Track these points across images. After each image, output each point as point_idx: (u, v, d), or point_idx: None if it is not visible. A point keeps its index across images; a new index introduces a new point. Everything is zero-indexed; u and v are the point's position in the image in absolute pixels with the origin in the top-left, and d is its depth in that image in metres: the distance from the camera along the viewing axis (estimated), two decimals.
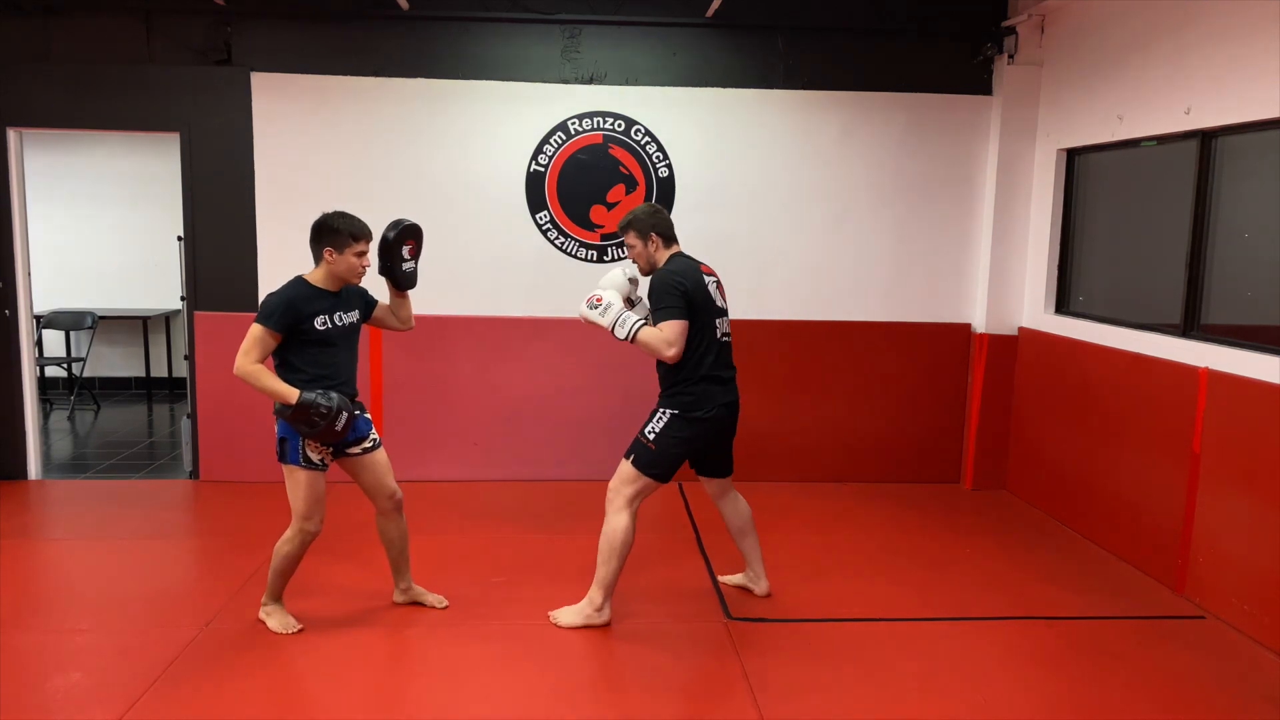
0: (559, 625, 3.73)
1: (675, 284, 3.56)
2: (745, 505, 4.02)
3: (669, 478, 3.69)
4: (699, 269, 3.70)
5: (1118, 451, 4.68)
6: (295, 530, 3.53)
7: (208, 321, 5.53)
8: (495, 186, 5.59)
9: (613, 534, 3.65)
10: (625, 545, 3.66)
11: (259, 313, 3.37)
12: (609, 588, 3.71)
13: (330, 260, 3.45)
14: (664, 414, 3.65)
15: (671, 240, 3.77)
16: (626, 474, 3.67)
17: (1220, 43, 4.03)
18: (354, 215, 3.48)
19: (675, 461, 3.66)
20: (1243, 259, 4.07)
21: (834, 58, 5.63)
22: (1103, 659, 3.57)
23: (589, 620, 3.72)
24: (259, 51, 5.41)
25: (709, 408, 3.62)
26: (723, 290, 3.79)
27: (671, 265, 3.68)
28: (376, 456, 3.68)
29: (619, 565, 3.67)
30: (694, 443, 3.67)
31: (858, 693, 3.29)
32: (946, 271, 5.83)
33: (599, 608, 3.72)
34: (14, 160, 5.41)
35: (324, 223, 3.45)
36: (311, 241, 3.48)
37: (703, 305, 3.61)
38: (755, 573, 4.07)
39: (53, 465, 6.05)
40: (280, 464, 3.50)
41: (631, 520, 3.67)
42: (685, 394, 3.61)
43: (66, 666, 3.34)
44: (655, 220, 3.73)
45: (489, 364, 5.66)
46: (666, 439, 3.62)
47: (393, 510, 3.76)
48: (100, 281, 8.18)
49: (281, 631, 3.61)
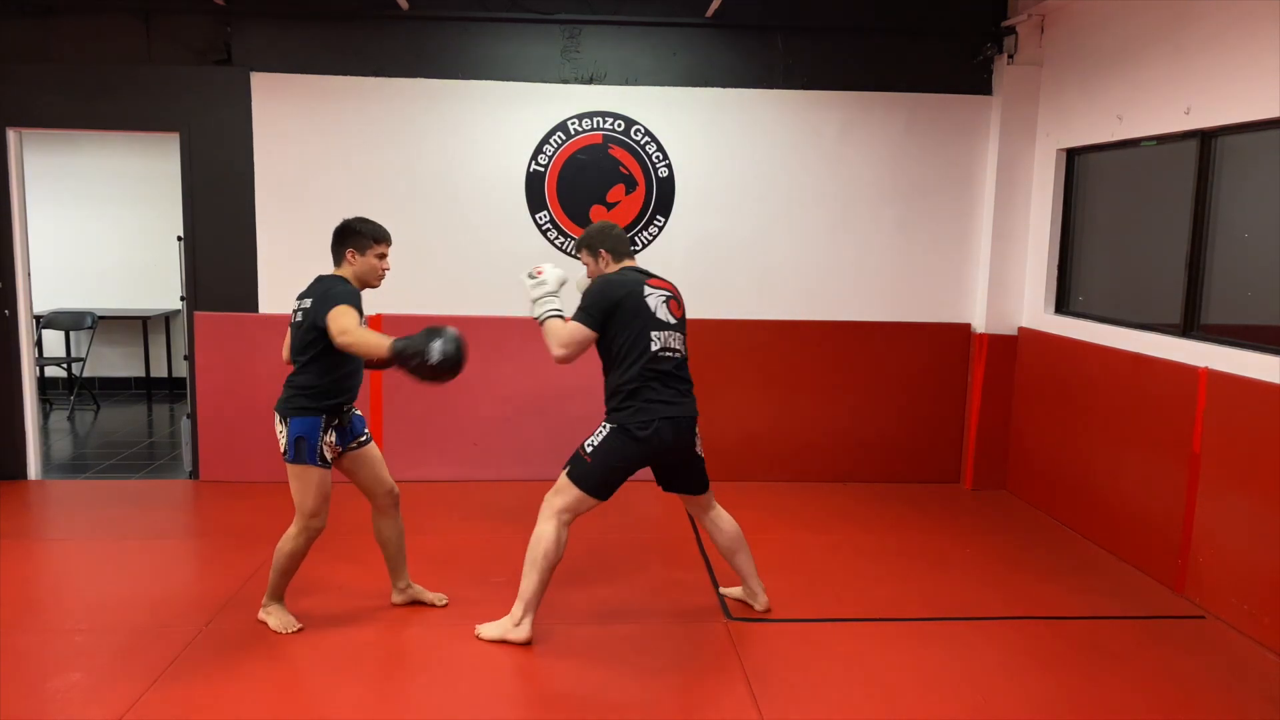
0: (481, 638, 3.59)
1: (604, 294, 3.52)
2: (730, 522, 3.84)
3: (606, 495, 3.54)
4: (643, 281, 3.60)
5: (1118, 451, 4.68)
6: (301, 528, 3.54)
7: (207, 321, 5.53)
8: (495, 186, 5.59)
9: (536, 543, 3.50)
10: (548, 557, 3.48)
11: (340, 296, 3.38)
12: (530, 602, 3.53)
13: (351, 261, 3.56)
14: (604, 428, 3.53)
15: (624, 256, 3.70)
16: (561, 485, 3.53)
17: (1220, 43, 4.04)
18: (375, 220, 3.63)
19: (612, 477, 3.51)
20: (1243, 259, 4.07)
21: (833, 57, 5.63)
22: (1102, 659, 3.57)
23: (505, 634, 3.56)
24: (259, 51, 5.41)
25: (647, 424, 3.46)
26: (677, 306, 3.65)
27: (612, 275, 3.62)
28: (371, 451, 3.72)
29: (540, 578, 3.50)
30: (635, 460, 3.51)
31: (857, 693, 3.29)
32: (946, 271, 5.83)
33: (517, 622, 3.55)
34: (14, 160, 5.41)
35: (346, 225, 3.59)
36: (334, 244, 3.60)
37: (633, 316, 3.50)
38: (752, 589, 3.92)
39: (52, 465, 6.05)
40: (289, 464, 3.50)
41: (559, 531, 3.50)
42: (622, 408, 3.50)
43: (66, 666, 3.34)
44: (604, 237, 3.69)
45: (489, 364, 5.65)
46: (604, 453, 3.48)
47: (390, 507, 3.77)
48: (100, 281, 8.19)
49: (282, 630, 3.61)
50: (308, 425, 3.47)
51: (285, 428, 3.49)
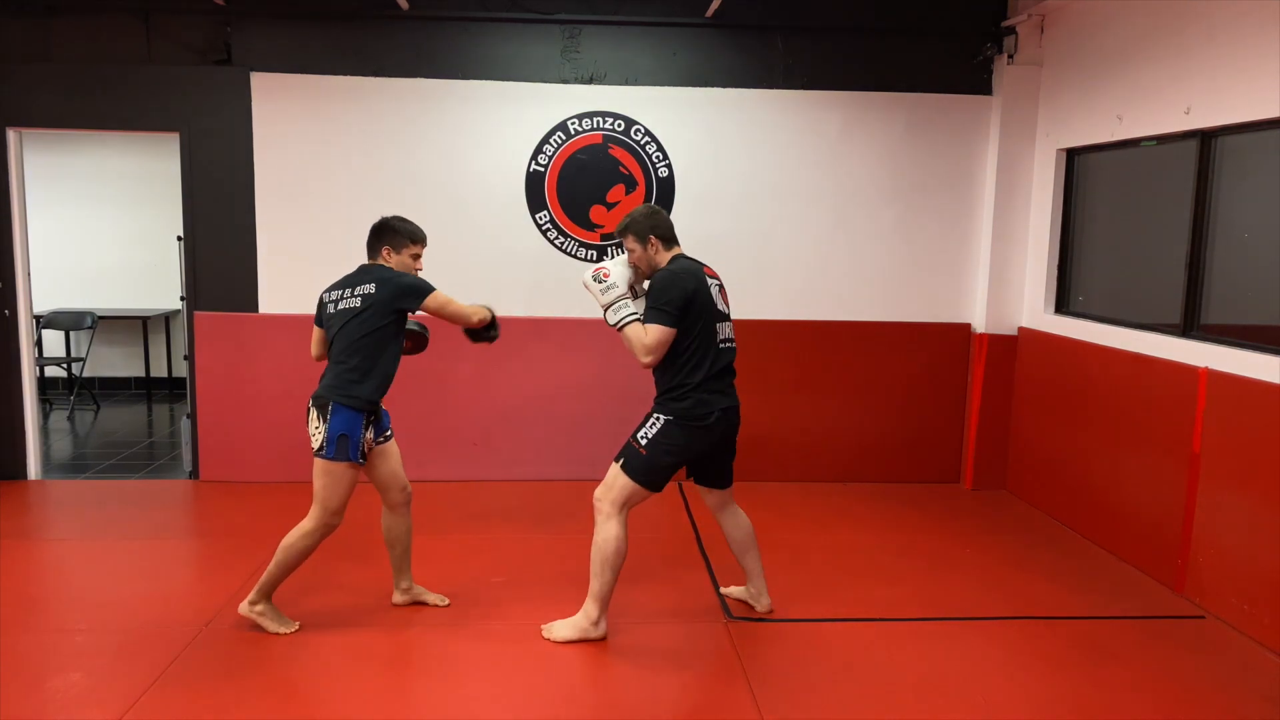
0: (553, 639, 3.59)
1: (678, 287, 3.42)
2: (746, 520, 3.84)
3: (661, 486, 3.52)
4: (703, 271, 3.56)
5: (1118, 451, 4.68)
6: (319, 524, 3.51)
7: (207, 321, 5.53)
8: (495, 187, 5.59)
9: (604, 544, 3.48)
10: (618, 555, 3.49)
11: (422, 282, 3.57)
12: (604, 600, 3.55)
13: (387, 258, 3.61)
14: (658, 419, 3.48)
15: (672, 242, 3.60)
16: (616, 480, 3.50)
17: (1220, 43, 4.04)
18: (412, 221, 3.69)
19: (668, 470, 3.50)
20: (1243, 259, 4.07)
21: (833, 57, 5.63)
22: (1102, 659, 3.57)
23: (584, 634, 3.57)
24: (259, 51, 5.41)
25: (708, 415, 3.45)
26: (725, 294, 3.65)
27: (676, 265, 3.53)
28: (393, 447, 3.76)
29: (613, 576, 3.51)
30: (689, 451, 3.51)
31: (857, 693, 3.29)
32: (946, 271, 5.83)
33: (595, 621, 3.56)
34: (14, 160, 5.41)
35: (384, 224, 3.64)
36: (370, 240, 3.65)
37: (704, 309, 3.45)
38: (757, 589, 3.89)
39: (52, 465, 6.05)
40: (324, 460, 3.46)
41: (623, 528, 3.49)
42: (682, 399, 3.44)
43: (66, 666, 3.34)
44: (654, 222, 3.55)
45: (489, 364, 5.65)
46: (659, 445, 3.45)
47: (402, 504, 3.78)
48: (100, 281, 8.19)
49: (281, 631, 3.60)
50: (351, 421, 3.45)
51: (323, 423, 3.44)
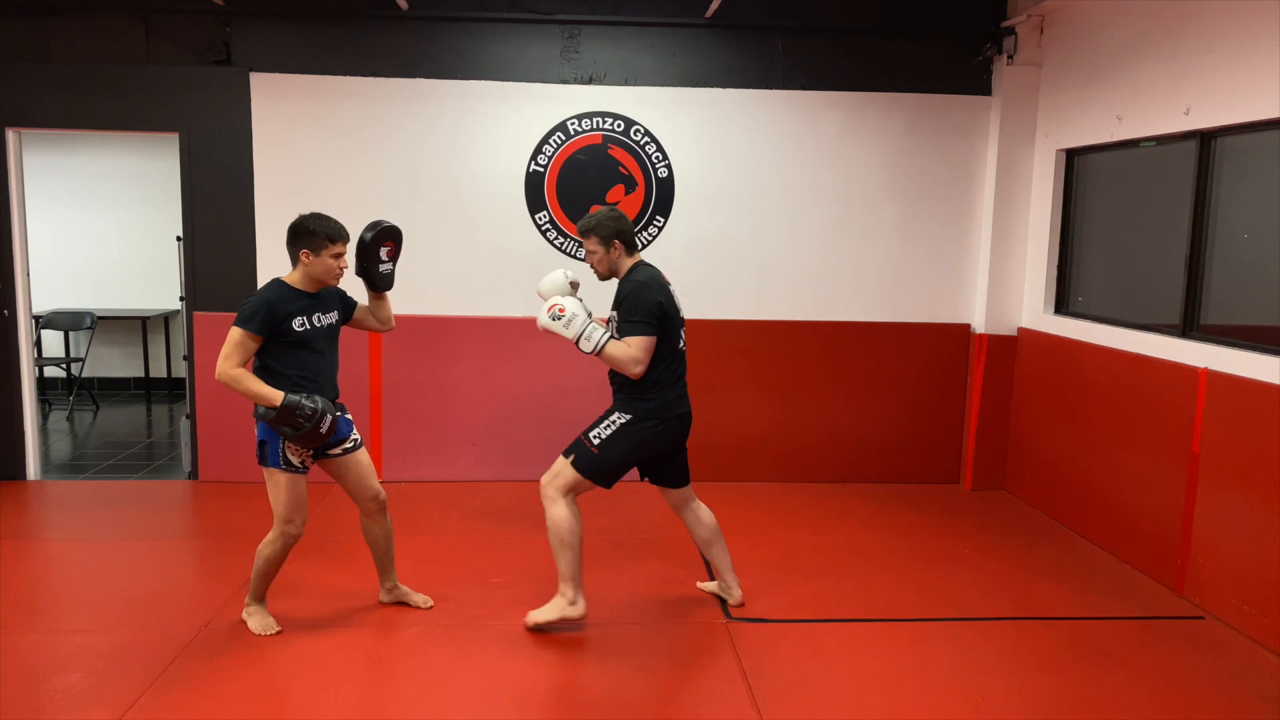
0: (536, 624, 3.63)
1: (652, 299, 3.47)
2: (709, 514, 3.88)
3: (610, 484, 3.58)
4: (664, 277, 3.63)
5: (1117, 452, 4.68)
6: (277, 533, 3.52)
7: (207, 322, 5.53)
8: (494, 187, 5.59)
9: (556, 526, 3.53)
10: (573, 533, 3.52)
11: (238, 316, 3.36)
12: (574, 579, 3.59)
13: (307, 262, 3.44)
14: (617, 418, 3.54)
15: (633, 247, 3.66)
16: (562, 471, 3.55)
17: (1220, 43, 4.04)
18: (330, 217, 3.46)
19: (618, 469, 3.56)
20: (1242, 259, 4.07)
21: (833, 58, 5.63)
22: (1102, 659, 3.57)
23: (564, 614, 3.61)
24: (258, 51, 5.41)
25: (662, 419, 3.53)
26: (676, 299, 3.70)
27: (642, 275, 3.57)
28: (358, 457, 3.66)
29: (574, 555, 3.54)
30: (641, 452, 3.57)
31: (857, 693, 3.29)
32: (946, 272, 5.84)
33: (571, 600, 3.61)
34: (13, 160, 5.41)
35: (299, 225, 3.44)
36: (288, 243, 3.47)
37: (673, 316, 3.55)
38: (727, 582, 3.94)
39: (52, 466, 6.04)
40: (260, 467, 3.48)
41: (571, 508, 3.53)
42: (642, 400, 3.51)
43: (66, 666, 3.34)
44: (620, 226, 3.59)
45: (489, 364, 5.65)
46: (613, 445, 3.51)
47: (377, 511, 3.74)
48: (99, 281, 8.19)
49: (261, 632, 3.60)
50: (267, 429, 3.42)
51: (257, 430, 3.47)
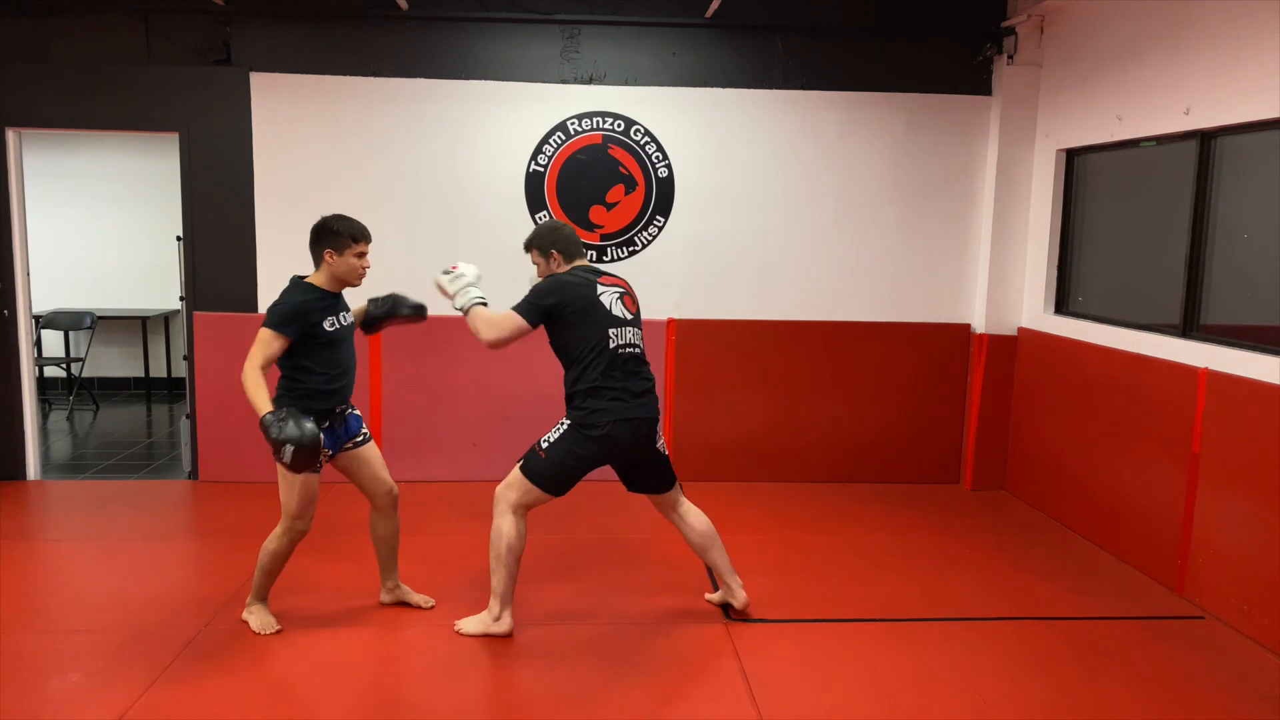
0: (462, 634, 3.61)
1: (549, 289, 3.51)
2: (701, 518, 3.80)
3: (560, 492, 3.54)
4: (594, 281, 3.58)
5: (1117, 451, 4.68)
6: (285, 528, 3.53)
7: (207, 321, 5.53)
8: (494, 187, 5.59)
9: (496, 539, 3.51)
10: (512, 551, 3.50)
11: (270, 319, 3.35)
12: (504, 596, 3.56)
13: (330, 262, 3.48)
14: (562, 424, 3.51)
15: (575, 256, 3.67)
16: (515, 479, 3.53)
17: (1220, 43, 4.04)
18: (353, 218, 3.52)
19: (567, 475, 3.51)
20: (1243, 259, 4.07)
21: (833, 58, 5.63)
22: (1102, 659, 3.57)
23: (488, 629, 3.59)
24: (258, 51, 5.41)
25: (604, 424, 3.45)
26: (631, 302, 3.66)
27: (562, 274, 3.59)
28: (370, 451, 3.69)
29: (509, 571, 3.53)
30: (590, 460, 3.50)
31: (856, 693, 3.29)
32: (946, 272, 5.83)
33: (496, 617, 3.59)
34: (13, 160, 5.41)
35: (324, 225, 3.49)
36: (311, 244, 3.51)
37: (584, 313, 3.49)
38: (730, 586, 3.85)
39: (52, 466, 6.04)
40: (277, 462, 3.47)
41: (517, 524, 3.51)
42: (578, 407, 3.48)
43: (66, 666, 3.34)
44: (555, 237, 3.66)
45: (489, 364, 5.65)
46: (559, 450, 3.48)
47: (389, 507, 3.76)
48: (99, 281, 8.18)
49: (262, 631, 3.60)
50: None
51: None
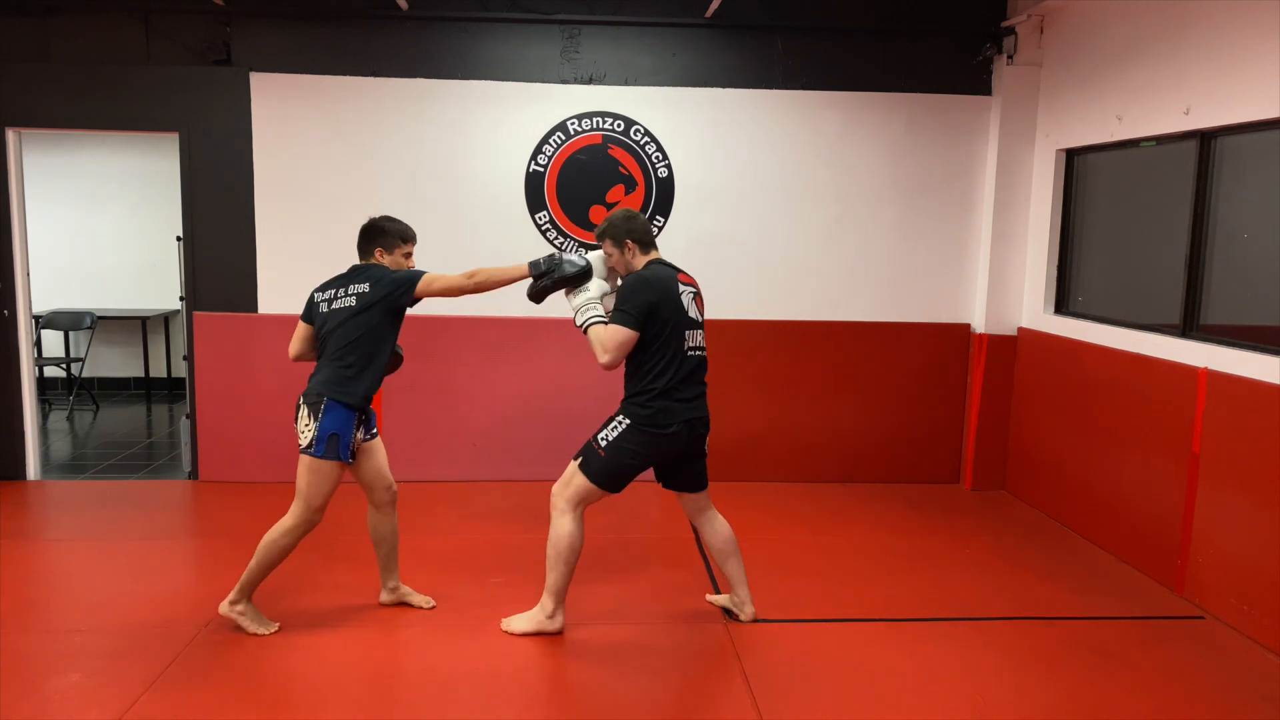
0: (511, 632, 3.63)
1: (643, 291, 3.44)
2: (725, 525, 3.80)
3: (618, 489, 3.54)
4: (675, 278, 3.54)
5: (1117, 451, 4.68)
6: (301, 520, 3.51)
7: (207, 322, 5.53)
8: (494, 187, 5.59)
9: (558, 539, 3.52)
10: (572, 550, 3.52)
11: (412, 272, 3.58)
12: (559, 594, 3.59)
13: (379, 260, 3.64)
14: (621, 422, 3.48)
15: (649, 246, 3.60)
16: (573, 478, 3.53)
17: (1220, 43, 4.04)
18: (402, 220, 3.70)
19: (626, 473, 3.51)
20: (1242, 259, 4.07)
21: (833, 58, 5.63)
22: (1102, 659, 3.57)
23: (541, 627, 3.61)
24: (258, 52, 5.41)
25: (668, 424, 3.44)
26: (700, 302, 3.65)
27: (647, 271, 3.54)
28: (378, 445, 3.75)
29: (568, 570, 3.55)
30: (648, 458, 3.51)
31: (857, 693, 3.29)
32: (946, 272, 5.84)
33: (550, 614, 3.60)
34: (13, 160, 5.41)
35: (375, 225, 3.66)
36: (360, 241, 3.67)
37: (671, 316, 3.45)
38: (740, 597, 3.83)
39: (51, 466, 6.04)
40: (312, 457, 3.46)
41: (577, 524, 3.53)
42: (644, 406, 3.45)
43: (66, 666, 3.34)
44: (630, 226, 3.56)
45: (489, 364, 5.66)
46: (619, 449, 3.46)
47: (388, 504, 3.77)
48: (99, 281, 8.19)
49: (259, 631, 3.59)
50: (344, 419, 3.47)
51: (314, 421, 3.45)
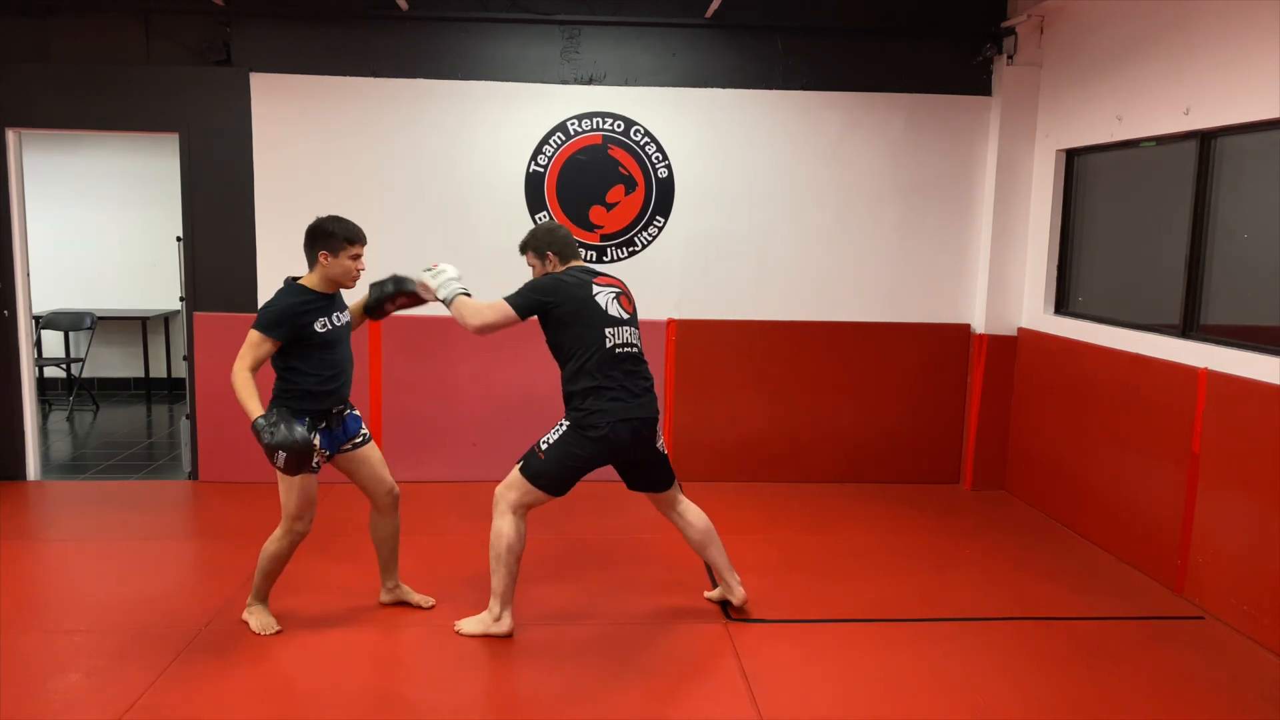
0: (462, 634, 3.62)
1: (544, 285, 3.53)
2: (700, 515, 3.81)
3: (560, 492, 3.54)
4: (590, 281, 3.57)
5: (1117, 452, 4.68)
6: (285, 530, 3.53)
7: (207, 322, 5.53)
8: (494, 187, 5.59)
9: (496, 539, 3.52)
10: (510, 551, 3.51)
11: (259, 320, 3.35)
12: (504, 597, 3.57)
13: (325, 263, 3.47)
14: (562, 425, 3.51)
15: (570, 257, 3.67)
16: (514, 480, 3.53)
17: (1220, 43, 4.04)
18: (348, 219, 3.50)
19: (566, 476, 3.51)
20: (1242, 259, 4.07)
21: (833, 58, 5.63)
22: (1102, 659, 3.57)
23: (488, 629, 3.60)
24: (258, 52, 5.41)
25: (604, 425, 3.44)
26: (628, 302, 3.64)
27: (558, 273, 3.61)
28: (369, 452, 3.68)
29: (508, 573, 3.54)
30: (589, 459, 3.49)
31: (856, 693, 3.29)
32: (946, 272, 5.83)
33: (497, 618, 3.59)
34: (13, 160, 5.41)
35: (318, 227, 3.47)
36: (305, 246, 3.50)
37: (579, 313, 3.48)
38: (728, 583, 3.86)
39: (52, 466, 6.04)
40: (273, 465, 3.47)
41: (516, 525, 3.51)
42: (578, 409, 3.47)
43: (66, 666, 3.34)
44: (552, 239, 3.66)
45: (489, 364, 5.66)
46: (559, 451, 3.48)
47: (390, 506, 3.76)
48: (99, 282, 8.18)
49: (261, 632, 3.60)
50: None
51: None
